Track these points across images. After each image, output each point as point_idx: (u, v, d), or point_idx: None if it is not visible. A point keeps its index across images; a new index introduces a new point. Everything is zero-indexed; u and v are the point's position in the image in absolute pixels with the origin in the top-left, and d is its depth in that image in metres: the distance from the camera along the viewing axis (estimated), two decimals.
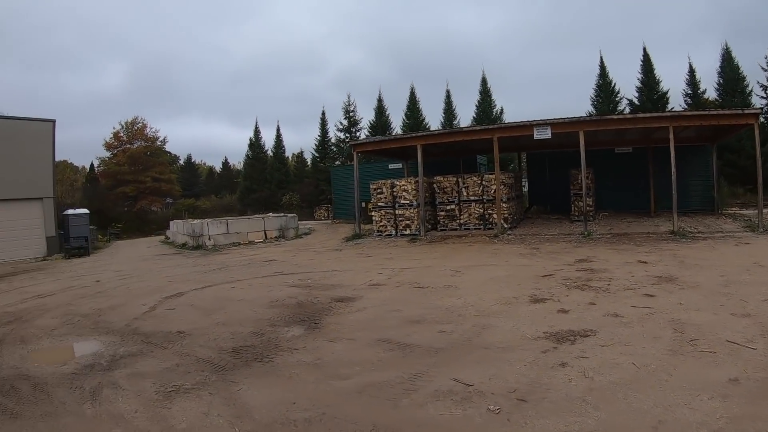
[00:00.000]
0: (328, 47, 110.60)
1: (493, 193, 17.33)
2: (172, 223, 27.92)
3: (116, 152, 44.77)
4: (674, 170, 14.97)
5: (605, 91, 32.44)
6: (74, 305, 9.83)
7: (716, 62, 32.52)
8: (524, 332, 5.84)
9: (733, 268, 9.23)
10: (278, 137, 43.00)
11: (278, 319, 7.51)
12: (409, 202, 17.98)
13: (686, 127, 16.37)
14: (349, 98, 39.97)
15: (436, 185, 18.61)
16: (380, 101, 38.05)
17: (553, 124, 15.92)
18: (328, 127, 40.29)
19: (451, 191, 18.28)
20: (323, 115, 40.30)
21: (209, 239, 20.00)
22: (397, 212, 18.27)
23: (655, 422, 3.54)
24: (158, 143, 46.55)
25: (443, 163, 23.35)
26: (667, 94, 31.41)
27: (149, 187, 43.20)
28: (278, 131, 43.14)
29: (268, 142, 44.01)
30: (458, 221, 18.15)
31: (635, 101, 31.80)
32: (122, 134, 45.09)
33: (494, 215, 17.31)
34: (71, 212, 23.09)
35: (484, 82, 35.79)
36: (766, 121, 27.18)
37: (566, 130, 16.14)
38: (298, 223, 23.42)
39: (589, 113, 31.32)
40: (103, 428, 4.24)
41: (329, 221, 29.81)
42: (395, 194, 18.25)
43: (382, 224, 18.63)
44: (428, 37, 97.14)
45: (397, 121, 38.41)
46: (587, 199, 16.86)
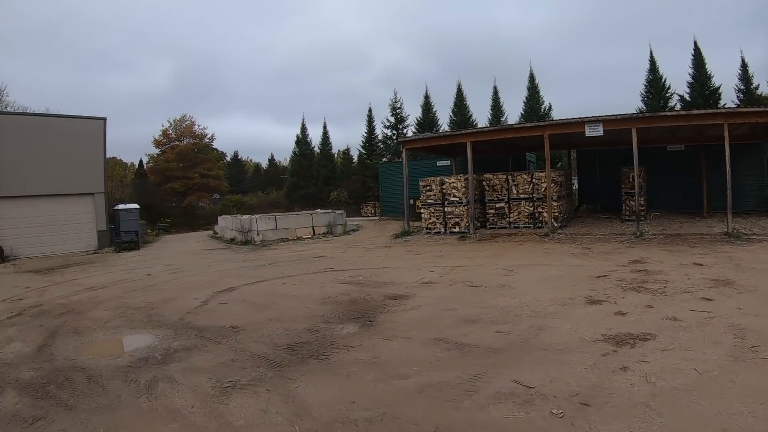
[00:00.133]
0: (371, 45, 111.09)
1: (543, 191, 17.21)
2: (220, 218, 28.51)
3: (165, 149, 46.53)
4: (729, 169, 14.29)
5: (655, 86, 31.68)
6: (126, 298, 10.07)
7: None
8: (582, 334, 5.79)
9: None
10: (325, 134, 43.73)
11: (332, 315, 7.51)
12: (458, 199, 17.99)
13: (741, 124, 15.69)
14: (395, 95, 39.86)
15: (485, 183, 18.62)
16: (427, 98, 38.03)
17: (605, 120, 15.65)
18: (374, 124, 40.69)
19: (500, 189, 18.23)
20: (370, 112, 40.65)
21: (258, 235, 20.30)
22: (446, 210, 18.29)
23: (719, 430, 3.51)
24: (206, 140, 48.15)
25: (492, 160, 23.20)
26: (719, 89, 30.37)
27: (197, 183, 44.61)
28: (325, 128, 43.87)
29: (314, 139, 44.77)
30: (507, 219, 18.10)
31: (686, 97, 30.95)
32: (171, 131, 46.83)
33: (544, 214, 17.16)
34: (122, 207, 23.90)
35: (531, 77, 35.35)
36: None
37: (618, 127, 15.85)
38: (345, 219, 23.54)
39: (638, 110, 30.81)
40: (159, 423, 4.23)
41: (376, 218, 29.94)
42: (445, 191, 18.27)
43: (431, 221, 18.70)
44: (473, 32, 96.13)
45: (443, 118, 38.12)
46: (639, 198, 16.40)
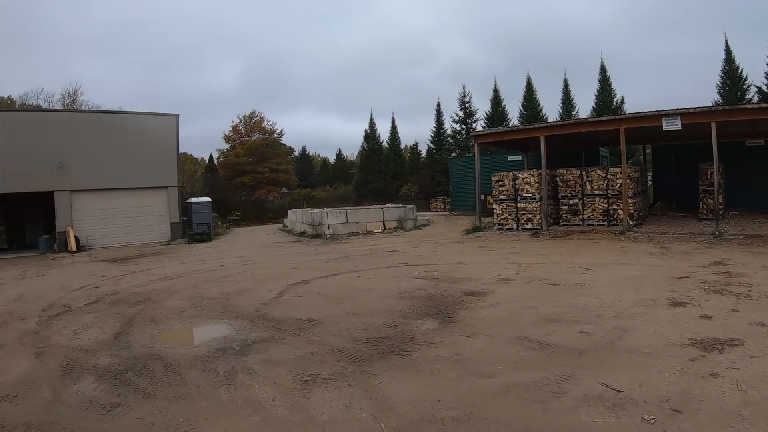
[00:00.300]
0: (436, 39, 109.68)
1: (618, 187, 16.71)
2: (290, 211, 29.20)
3: (235, 144, 48.15)
4: None
5: (731, 77, 30.03)
6: (201, 288, 10.34)
7: None
8: (668, 337, 5.59)
9: None
10: (393, 129, 43.93)
11: (409, 311, 7.40)
12: (531, 195, 17.72)
13: None
14: (464, 89, 39.41)
15: (558, 178, 18.27)
16: (496, 92, 37.58)
17: (683, 114, 14.94)
18: (443, 118, 40.59)
19: (574, 185, 17.81)
20: (438, 106, 40.58)
21: (328, 228, 20.58)
22: (518, 205, 18.05)
23: None
24: (275, 135, 49.44)
25: (564, 155, 22.56)
26: None
27: (267, 177, 45.92)
28: (393, 123, 44.06)
29: (382, 134, 45.07)
30: (581, 216, 17.66)
31: (764, 88, 29.21)
32: (240, 127, 48.54)
33: (619, 211, 16.62)
34: (194, 200, 24.89)
35: (603, 69, 34.48)
36: None
37: (697, 120, 15.01)
38: (416, 214, 23.50)
39: (715, 102, 29.27)
40: (240, 415, 4.20)
41: (446, 213, 29.89)
42: (517, 187, 18.03)
43: (503, 217, 18.51)
44: (539, 23, 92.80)
45: (513, 112, 37.76)
46: (718, 196, 15.57)
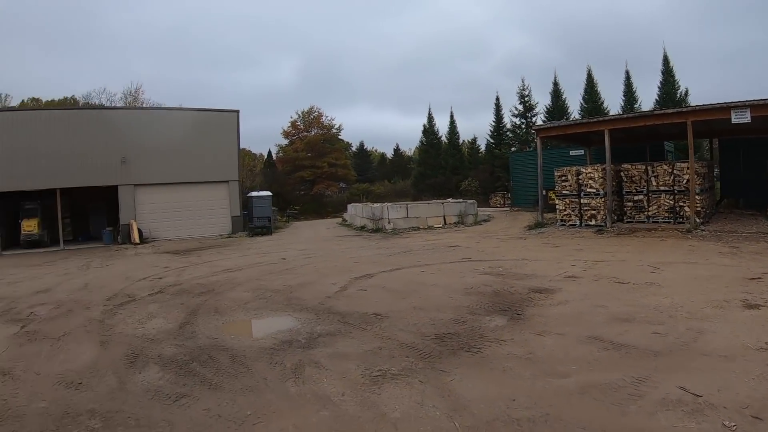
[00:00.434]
0: (491, 33, 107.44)
1: (685, 183, 16.15)
2: (350, 206, 29.61)
3: (293, 139, 49.04)
4: None
5: None
6: (263, 280, 10.52)
7: None
8: (744, 341, 5.35)
9: None
10: (452, 123, 43.98)
11: (477, 307, 7.28)
12: (595, 191, 17.25)
13: None
14: (523, 83, 39.07)
15: (623, 173, 17.71)
16: (555, 85, 37.08)
17: (753, 106, 14.30)
18: (502, 112, 40.18)
19: (639, 180, 17.26)
20: (497, 100, 40.23)
21: (389, 223, 20.68)
22: (582, 201, 17.61)
23: None
24: (333, 131, 50.06)
25: (628, 150, 21.84)
26: None
27: (325, 172, 46.57)
28: (452, 117, 44.12)
29: (440, 128, 45.14)
30: (646, 213, 17.14)
31: None
32: (299, 123, 49.39)
33: (686, 208, 16.12)
34: (255, 194, 25.51)
35: (665, 60, 33.39)
36: None
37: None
38: (477, 209, 23.25)
39: None
40: (309, 409, 4.17)
41: (506, 208, 29.58)
42: (581, 182, 17.58)
43: (566, 213, 18.10)
44: (596, 14, 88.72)
45: (573, 105, 37.08)
46: None
